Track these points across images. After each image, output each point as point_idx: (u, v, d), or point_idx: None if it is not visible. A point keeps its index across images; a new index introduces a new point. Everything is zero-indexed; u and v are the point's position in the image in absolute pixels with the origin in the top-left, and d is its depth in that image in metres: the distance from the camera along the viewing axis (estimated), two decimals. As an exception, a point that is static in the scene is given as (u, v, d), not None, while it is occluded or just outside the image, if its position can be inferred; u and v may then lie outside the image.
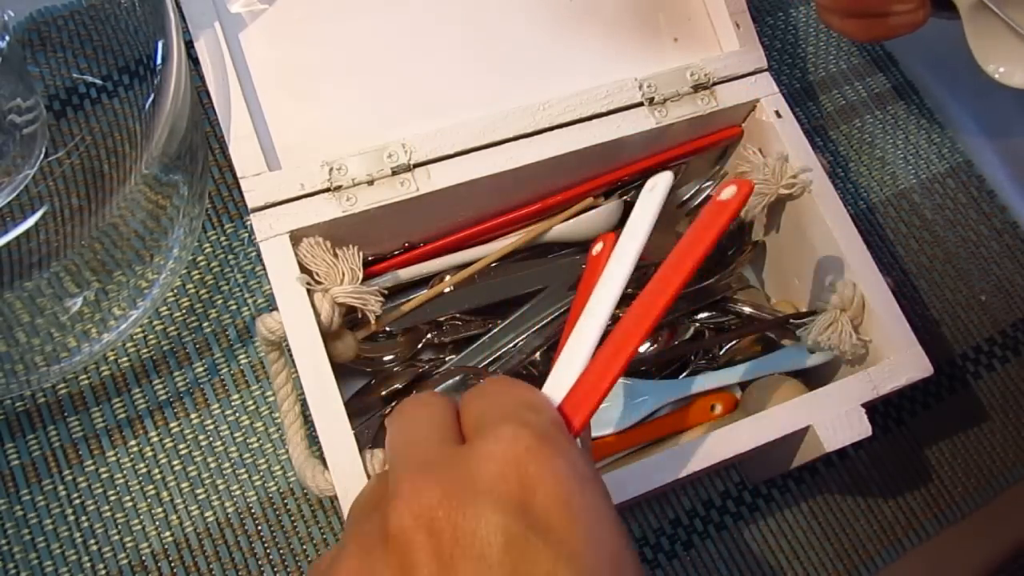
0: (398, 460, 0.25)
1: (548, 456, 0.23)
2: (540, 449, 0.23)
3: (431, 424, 0.25)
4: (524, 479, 0.22)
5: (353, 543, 0.23)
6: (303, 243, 0.38)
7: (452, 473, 0.23)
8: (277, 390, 0.38)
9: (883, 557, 0.47)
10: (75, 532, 0.41)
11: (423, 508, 0.22)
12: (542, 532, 0.21)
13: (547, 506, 0.22)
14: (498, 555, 0.21)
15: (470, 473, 0.22)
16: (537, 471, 0.22)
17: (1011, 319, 0.53)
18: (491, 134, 0.40)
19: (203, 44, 0.39)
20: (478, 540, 0.21)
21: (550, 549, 0.21)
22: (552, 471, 0.22)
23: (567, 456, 0.23)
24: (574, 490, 0.22)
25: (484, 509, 0.21)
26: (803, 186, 0.42)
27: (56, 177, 0.42)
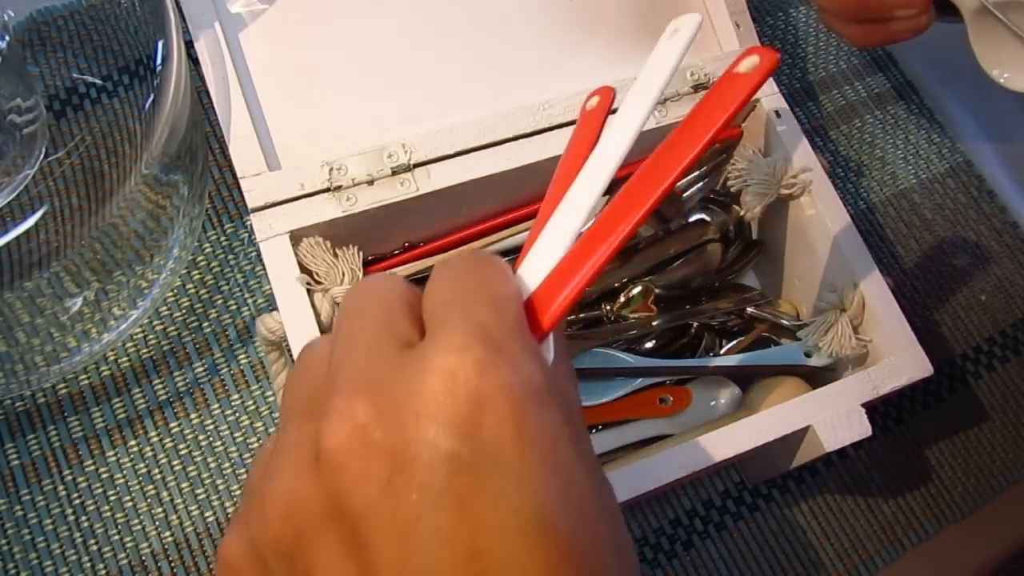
0: (336, 355, 0.22)
1: (501, 372, 0.20)
2: (493, 363, 0.20)
3: (378, 318, 0.22)
4: (472, 398, 0.19)
5: (287, 456, 0.21)
6: (303, 243, 0.38)
7: (393, 387, 0.20)
8: (277, 390, 0.38)
9: (883, 557, 0.47)
10: (75, 532, 0.41)
11: (357, 429, 0.19)
12: (490, 457, 0.19)
13: (497, 429, 0.19)
14: (442, 483, 0.19)
15: (413, 388, 0.20)
16: (487, 389, 0.19)
17: (1011, 319, 0.53)
18: (491, 134, 0.40)
19: (203, 44, 0.39)
20: (420, 467, 0.19)
21: (499, 476, 0.19)
22: (504, 390, 0.20)
23: (523, 372, 0.20)
24: (528, 412, 0.20)
25: (426, 432, 0.19)
26: (803, 186, 0.42)
27: (56, 177, 0.42)
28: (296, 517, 0.20)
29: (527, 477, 0.19)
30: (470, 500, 0.19)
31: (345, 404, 0.20)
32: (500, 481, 0.19)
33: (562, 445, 0.20)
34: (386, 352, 0.21)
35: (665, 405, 0.42)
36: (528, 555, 0.19)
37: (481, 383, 0.19)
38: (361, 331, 0.22)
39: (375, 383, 0.20)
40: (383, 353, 0.21)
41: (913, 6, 0.40)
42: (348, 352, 0.22)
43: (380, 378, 0.20)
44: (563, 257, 0.24)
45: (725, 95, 0.25)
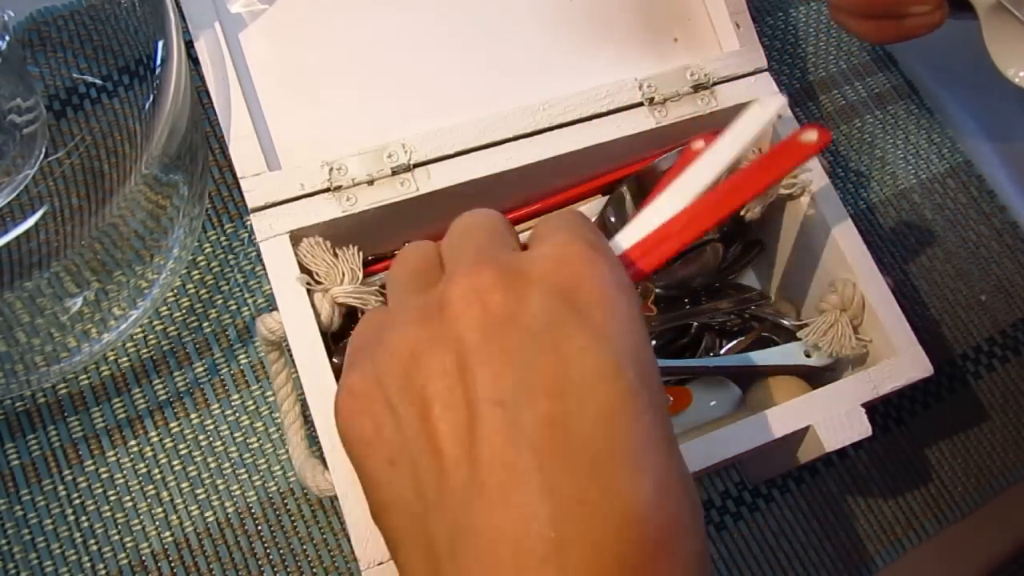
0: (455, 251, 0.28)
1: (598, 262, 0.26)
2: (592, 255, 0.26)
3: (490, 229, 0.28)
4: (573, 276, 0.25)
5: (409, 313, 0.26)
6: (303, 243, 0.38)
7: (509, 262, 0.26)
8: (277, 390, 0.38)
9: (883, 557, 0.47)
10: (75, 532, 0.41)
11: (481, 286, 0.25)
12: (582, 318, 0.24)
13: (589, 301, 0.25)
14: (540, 329, 0.24)
15: (525, 265, 0.26)
16: (586, 271, 0.25)
17: (1011, 319, 0.53)
18: (491, 134, 0.40)
19: (203, 44, 0.39)
20: (525, 316, 0.24)
21: (586, 331, 0.24)
22: (599, 275, 0.25)
23: (614, 268, 0.26)
24: (615, 295, 0.25)
25: (534, 291, 0.25)
26: (803, 187, 0.42)
27: (56, 177, 0.42)
28: (418, 348, 0.25)
29: (608, 336, 0.24)
30: (563, 343, 0.24)
31: (471, 269, 0.25)
32: (588, 335, 0.24)
33: (634, 321, 0.26)
34: (499, 248, 0.27)
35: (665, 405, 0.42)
36: (601, 391, 0.23)
37: (582, 266, 0.25)
38: (477, 233, 0.28)
39: (495, 260, 0.26)
40: (497, 248, 0.27)
41: (927, 2, 0.40)
42: (466, 246, 0.28)
43: (499, 257, 0.26)
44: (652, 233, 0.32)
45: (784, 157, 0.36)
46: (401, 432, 0.25)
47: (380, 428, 0.25)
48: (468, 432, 0.23)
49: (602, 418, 0.23)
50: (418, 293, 0.27)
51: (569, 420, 0.23)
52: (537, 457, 0.23)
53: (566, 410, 0.23)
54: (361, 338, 0.28)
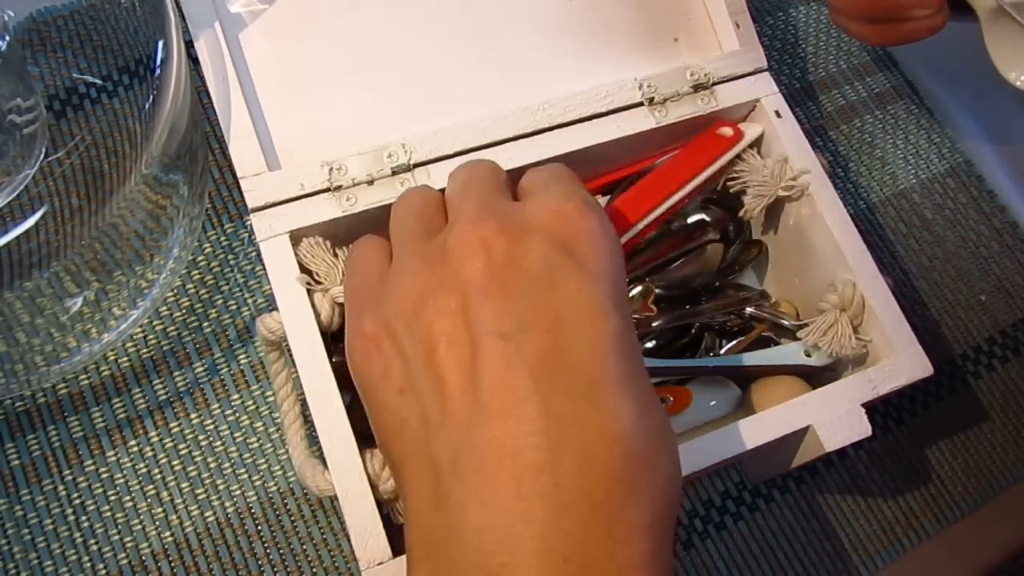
0: (458, 199, 0.30)
1: (590, 215, 0.28)
2: (584, 208, 0.28)
3: (490, 181, 0.31)
4: (570, 227, 0.28)
5: (413, 259, 0.28)
6: (303, 243, 0.38)
7: (510, 213, 0.28)
8: (277, 390, 0.38)
9: (883, 557, 0.47)
10: (75, 532, 0.41)
11: (484, 233, 0.27)
12: (577, 264, 0.27)
13: (584, 249, 0.28)
14: (539, 271, 0.27)
15: (525, 216, 0.28)
16: (581, 223, 0.28)
17: (1011, 319, 0.53)
18: (491, 134, 0.40)
19: (203, 44, 0.39)
20: (525, 260, 0.27)
21: (582, 275, 0.27)
22: (593, 228, 0.28)
23: (603, 220, 0.29)
24: (605, 244, 0.28)
25: (533, 240, 0.27)
26: (802, 188, 0.42)
27: (56, 177, 0.42)
28: (425, 292, 0.27)
29: (600, 281, 0.27)
30: (560, 285, 0.26)
31: (474, 216, 0.28)
32: (583, 278, 0.27)
33: (620, 269, 0.28)
34: (499, 198, 0.30)
35: (665, 404, 0.42)
36: (594, 327, 0.26)
37: (577, 218, 0.28)
38: (479, 183, 0.30)
39: (495, 210, 0.28)
40: (497, 198, 0.30)
41: (928, 6, 0.40)
42: (469, 195, 0.30)
43: (500, 207, 0.29)
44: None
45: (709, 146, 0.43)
46: (409, 367, 0.27)
47: (390, 365, 0.27)
48: (471, 362, 0.26)
49: (595, 349, 0.26)
50: (422, 239, 0.29)
51: (565, 351, 0.26)
52: (535, 381, 0.25)
53: (562, 342, 0.26)
54: (365, 284, 0.30)
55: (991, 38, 0.41)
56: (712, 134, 0.44)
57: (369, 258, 0.32)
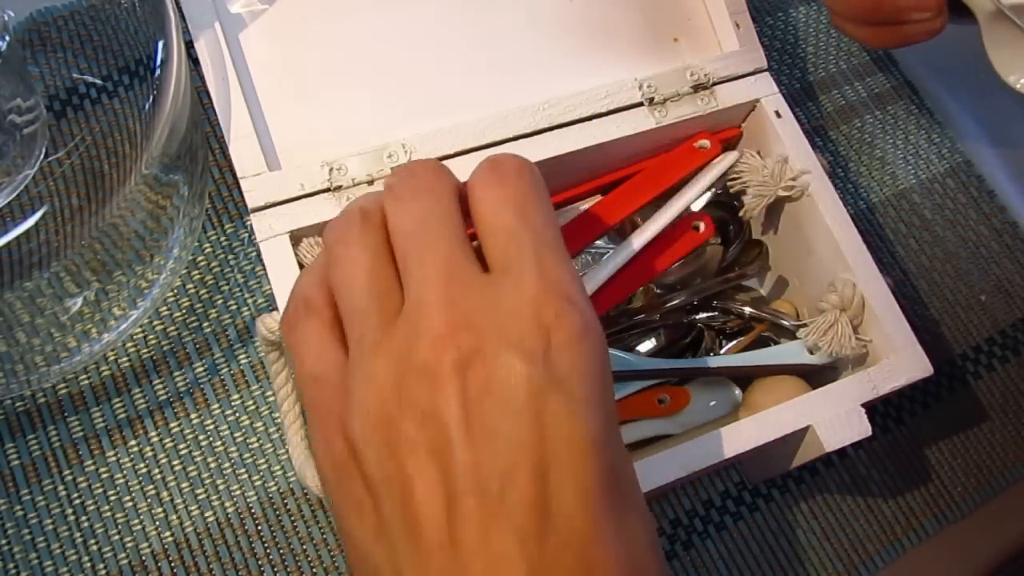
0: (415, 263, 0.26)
1: (574, 320, 0.25)
2: (567, 312, 0.25)
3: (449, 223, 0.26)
4: (548, 334, 0.24)
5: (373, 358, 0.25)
6: (303, 243, 0.38)
7: (482, 317, 0.24)
8: (277, 390, 0.38)
9: (883, 557, 0.47)
10: (75, 532, 0.41)
11: (462, 354, 0.24)
12: (561, 384, 0.24)
13: (570, 365, 0.24)
14: (522, 401, 0.23)
15: (500, 322, 0.24)
16: (563, 332, 0.24)
17: (1011, 319, 0.53)
18: (491, 134, 0.40)
19: (203, 44, 0.39)
20: (507, 388, 0.23)
21: (569, 402, 0.24)
22: (578, 334, 0.24)
23: (589, 320, 0.25)
24: (589, 350, 0.25)
25: (514, 360, 0.24)
26: (802, 189, 0.42)
27: (56, 177, 0.42)
28: (392, 415, 0.24)
29: (590, 406, 0.24)
30: (545, 415, 0.23)
31: (441, 329, 0.24)
32: (570, 406, 0.23)
33: (606, 373, 0.25)
34: (466, 273, 0.25)
35: (663, 405, 0.42)
36: (585, 468, 0.23)
37: (559, 326, 0.24)
38: (436, 237, 0.26)
39: (465, 311, 0.24)
40: (464, 275, 0.25)
41: (927, 9, 0.40)
42: (426, 262, 0.25)
43: (469, 306, 0.24)
44: None
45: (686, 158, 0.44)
46: (381, 507, 0.24)
47: (362, 500, 0.25)
48: (449, 517, 0.23)
49: (587, 499, 0.23)
50: (378, 325, 0.25)
51: (551, 501, 0.23)
52: (520, 542, 0.22)
53: (550, 490, 0.23)
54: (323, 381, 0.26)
55: (990, 41, 0.41)
56: (689, 147, 0.44)
57: (319, 342, 0.27)
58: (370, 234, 0.27)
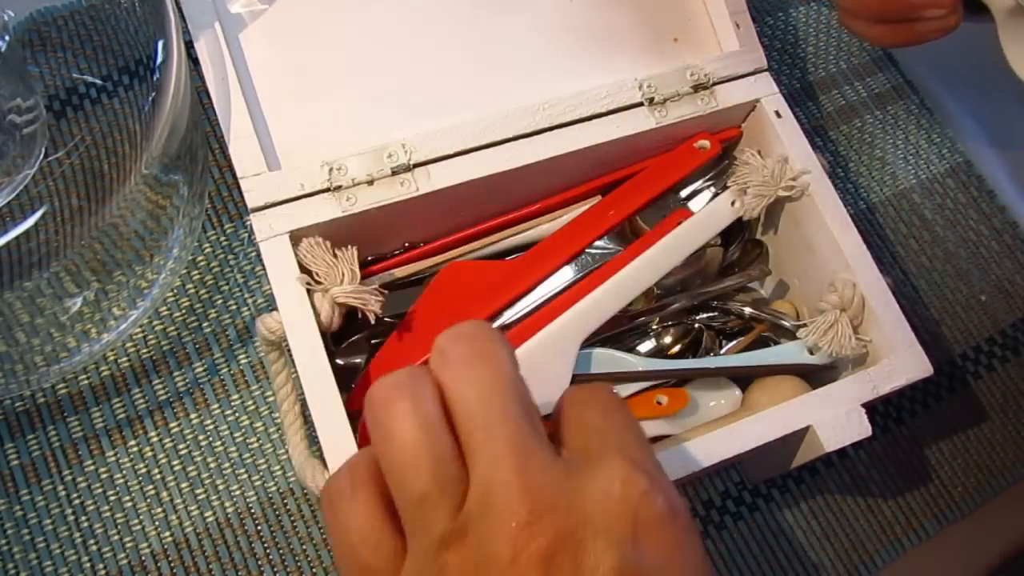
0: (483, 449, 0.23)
1: (658, 502, 0.23)
2: (651, 494, 0.23)
3: (513, 397, 0.24)
4: (637, 522, 0.23)
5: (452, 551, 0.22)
6: (303, 243, 0.38)
7: (568, 499, 0.23)
8: (277, 390, 0.38)
9: (883, 557, 0.47)
10: (75, 532, 0.41)
11: (547, 543, 0.22)
12: (652, 572, 0.22)
13: (657, 551, 0.23)
14: None
15: (586, 507, 0.23)
16: (650, 517, 0.23)
17: (1011, 319, 0.53)
18: (491, 134, 0.40)
19: (203, 44, 0.39)
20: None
21: None
22: (660, 518, 0.23)
23: (674, 503, 0.24)
24: (678, 537, 0.23)
25: (602, 549, 0.22)
26: (802, 189, 0.42)
27: (56, 177, 0.42)
28: None
29: None
30: None
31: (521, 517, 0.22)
32: None
33: (699, 561, 0.24)
34: (542, 454, 0.23)
35: (661, 405, 0.42)
36: None
37: (645, 511, 0.23)
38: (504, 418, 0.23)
39: (545, 495, 0.22)
40: (540, 455, 0.23)
41: (942, 6, 0.39)
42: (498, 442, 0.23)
43: (549, 490, 0.23)
44: None
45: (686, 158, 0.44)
46: None
47: None
48: None
49: None
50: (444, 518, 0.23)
51: None
52: None
53: None
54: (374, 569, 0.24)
55: (1008, 38, 0.40)
56: (689, 147, 0.44)
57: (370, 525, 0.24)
58: (427, 404, 0.24)
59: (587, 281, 0.41)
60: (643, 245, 0.42)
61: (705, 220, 0.43)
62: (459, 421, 0.24)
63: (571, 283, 0.41)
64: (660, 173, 0.44)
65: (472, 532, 0.22)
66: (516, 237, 0.44)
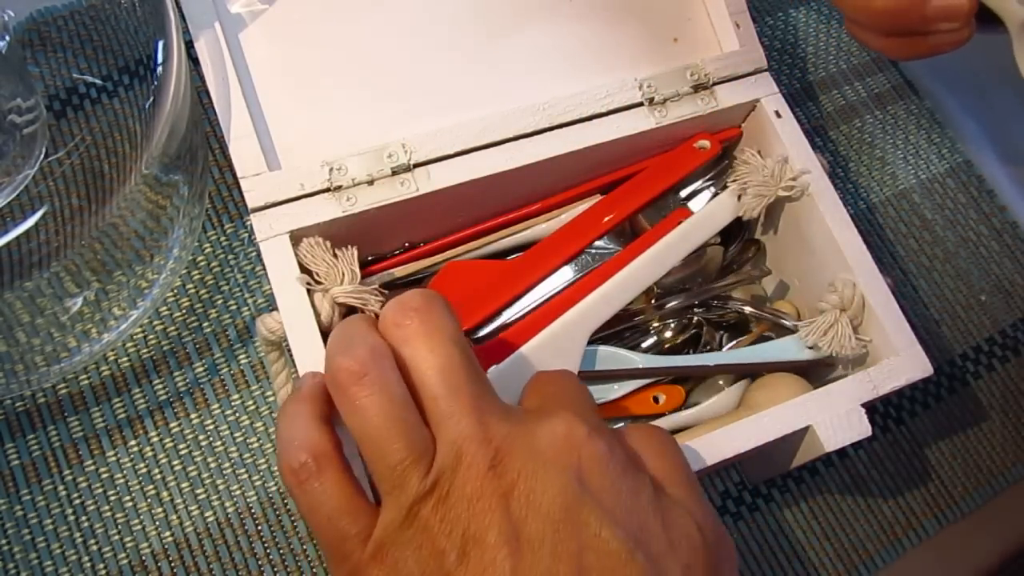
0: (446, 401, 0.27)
1: (599, 444, 0.27)
2: (593, 439, 0.27)
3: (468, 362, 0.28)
4: (582, 459, 0.27)
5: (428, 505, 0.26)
6: (303, 243, 0.38)
7: (523, 445, 0.27)
8: (277, 390, 0.38)
9: (883, 557, 0.47)
10: (75, 532, 0.41)
11: (508, 482, 0.26)
12: (594, 502, 0.26)
13: (598, 484, 0.27)
14: (560, 514, 0.25)
15: (538, 446, 0.27)
16: (592, 455, 0.27)
17: (1011, 319, 0.53)
18: (491, 134, 0.40)
19: (203, 44, 0.39)
20: (546, 501, 0.26)
21: (599, 515, 0.26)
22: (600, 456, 0.27)
23: (612, 447, 0.28)
24: (616, 474, 0.27)
25: (552, 475, 0.26)
26: (802, 189, 0.42)
27: (56, 177, 0.42)
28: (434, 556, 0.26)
29: (618, 520, 0.26)
30: (581, 529, 0.25)
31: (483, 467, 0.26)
32: (600, 518, 0.26)
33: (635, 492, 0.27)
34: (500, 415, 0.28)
35: (658, 403, 0.42)
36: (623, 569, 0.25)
37: (588, 451, 0.27)
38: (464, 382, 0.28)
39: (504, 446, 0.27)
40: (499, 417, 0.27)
41: (955, 18, 0.37)
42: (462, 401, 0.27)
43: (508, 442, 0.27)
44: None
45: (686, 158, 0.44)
46: None
47: None
48: None
49: None
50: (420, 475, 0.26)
51: None
52: None
53: None
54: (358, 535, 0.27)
55: (1022, 51, 0.39)
56: (689, 147, 0.44)
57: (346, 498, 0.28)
58: (392, 376, 0.27)
59: (588, 279, 0.41)
60: (643, 245, 0.42)
61: (708, 216, 0.43)
62: (423, 392, 0.27)
63: (571, 283, 0.41)
64: (660, 173, 0.44)
65: (445, 483, 0.26)
66: (516, 237, 0.44)
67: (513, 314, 0.41)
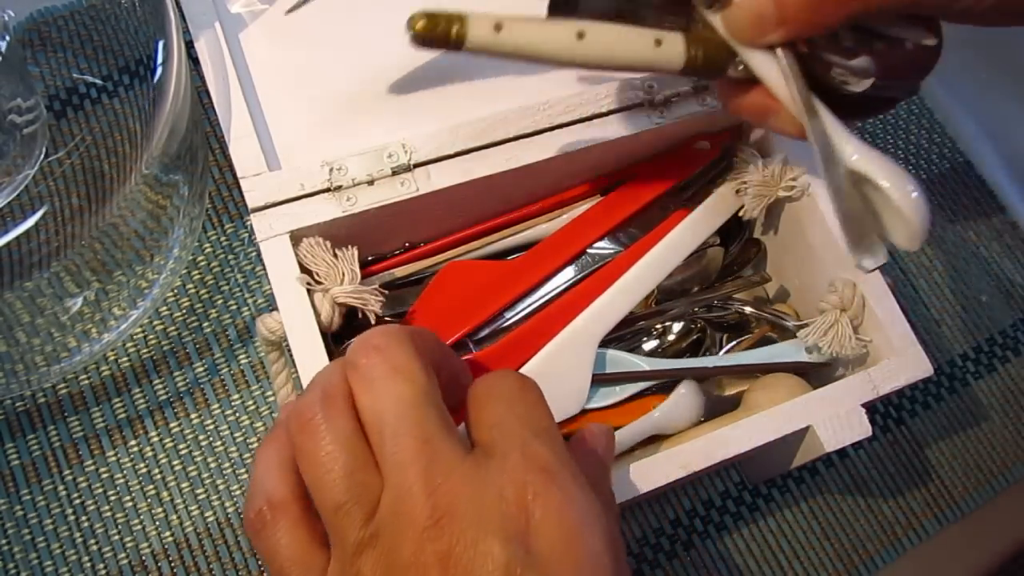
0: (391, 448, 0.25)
1: (555, 499, 0.24)
2: (548, 492, 0.24)
3: (421, 406, 0.26)
4: (530, 521, 0.24)
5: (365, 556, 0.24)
6: (303, 243, 0.38)
7: (467, 505, 0.24)
8: (277, 390, 0.38)
9: (883, 557, 0.47)
10: (75, 532, 0.41)
11: (445, 547, 0.23)
12: (538, 567, 0.23)
13: (549, 546, 0.24)
14: None
15: (483, 507, 0.24)
16: (543, 515, 0.24)
17: (1011, 319, 0.53)
18: (491, 134, 0.40)
19: (203, 44, 0.39)
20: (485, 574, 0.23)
21: None
22: (557, 516, 0.24)
23: (572, 499, 0.25)
24: (573, 535, 0.24)
25: (493, 546, 0.23)
26: (802, 189, 0.42)
27: (56, 177, 0.42)
28: None
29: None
30: None
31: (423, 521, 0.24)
32: None
33: (602, 556, 0.24)
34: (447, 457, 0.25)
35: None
36: None
37: (539, 509, 0.24)
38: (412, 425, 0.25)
39: (446, 499, 0.24)
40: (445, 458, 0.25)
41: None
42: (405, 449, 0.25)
43: (451, 493, 0.24)
44: None
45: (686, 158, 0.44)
46: None
47: None
48: None
49: None
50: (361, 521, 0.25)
51: None
52: None
53: None
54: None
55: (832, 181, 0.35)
56: (689, 147, 0.44)
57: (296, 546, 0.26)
58: (340, 420, 0.26)
59: (591, 281, 0.41)
60: (644, 245, 0.42)
61: (711, 210, 0.43)
62: (370, 433, 0.26)
63: (571, 283, 0.41)
64: (660, 173, 0.44)
65: (383, 536, 0.24)
66: (516, 237, 0.44)
67: (514, 315, 0.41)
